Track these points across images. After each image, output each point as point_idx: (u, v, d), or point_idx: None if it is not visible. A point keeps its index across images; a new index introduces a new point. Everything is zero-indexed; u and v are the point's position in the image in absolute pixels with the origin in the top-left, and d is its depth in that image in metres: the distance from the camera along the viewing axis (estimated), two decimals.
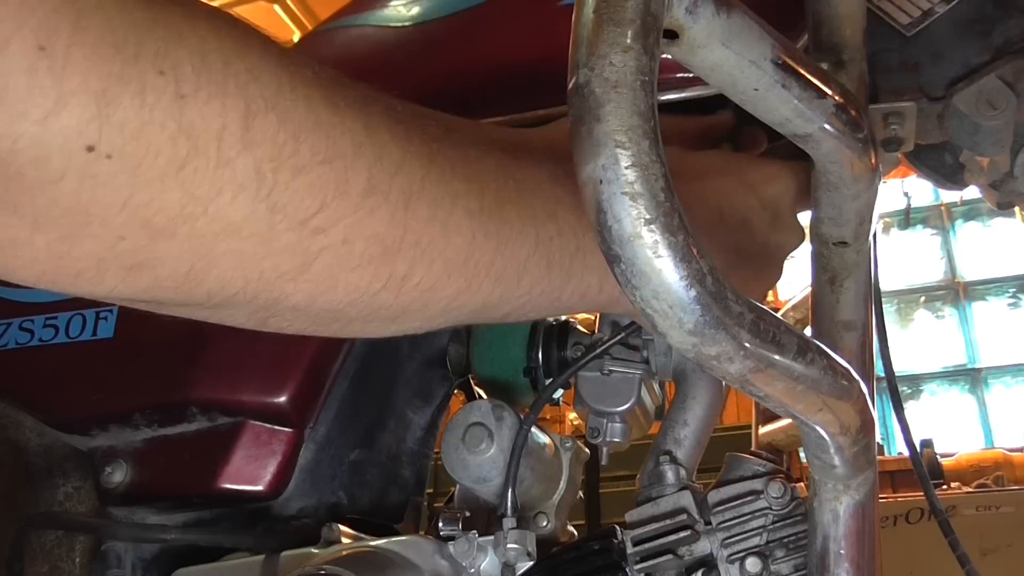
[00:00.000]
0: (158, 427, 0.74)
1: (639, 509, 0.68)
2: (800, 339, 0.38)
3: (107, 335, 0.76)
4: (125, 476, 0.73)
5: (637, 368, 0.73)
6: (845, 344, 0.60)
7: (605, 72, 0.34)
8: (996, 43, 0.70)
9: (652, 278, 0.33)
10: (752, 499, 0.65)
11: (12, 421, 0.79)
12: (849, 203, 0.55)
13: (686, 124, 0.71)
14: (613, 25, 0.35)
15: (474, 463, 0.69)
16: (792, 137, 0.48)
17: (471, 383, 0.89)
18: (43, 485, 0.79)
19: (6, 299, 0.80)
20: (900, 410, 0.83)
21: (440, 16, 0.82)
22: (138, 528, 0.72)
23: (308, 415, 0.73)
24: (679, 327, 0.34)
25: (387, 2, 0.88)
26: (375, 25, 0.87)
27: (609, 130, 0.33)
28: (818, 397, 0.41)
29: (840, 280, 0.61)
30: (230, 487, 0.71)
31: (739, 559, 0.64)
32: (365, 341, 0.76)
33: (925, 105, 0.70)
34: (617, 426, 0.73)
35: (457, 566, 0.64)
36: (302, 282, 0.39)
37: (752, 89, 0.43)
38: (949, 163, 0.77)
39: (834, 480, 0.51)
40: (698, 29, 0.39)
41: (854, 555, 0.53)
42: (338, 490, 0.76)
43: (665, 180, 0.34)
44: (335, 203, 0.37)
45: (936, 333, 6.18)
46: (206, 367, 0.72)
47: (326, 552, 0.65)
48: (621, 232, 0.33)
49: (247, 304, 0.39)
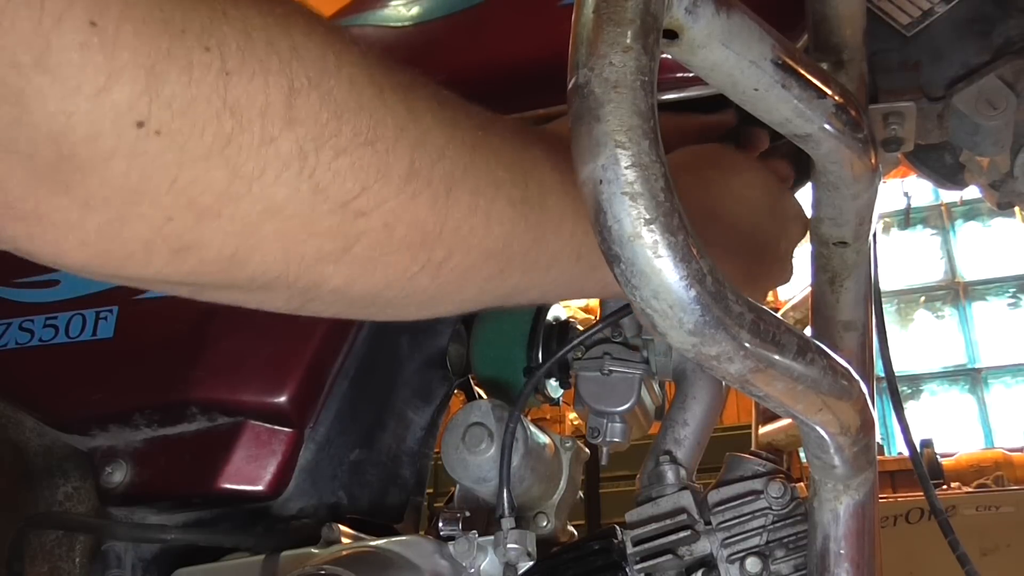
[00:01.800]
0: (158, 427, 0.74)
1: (639, 509, 0.68)
2: (800, 339, 0.38)
3: (107, 335, 0.75)
4: (125, 476, 0.73)
5: (637, 368, 0.73)
6: (845, 344, 0.60)
7: (605, 72, 0.34)
8: (996, 43, 0.70)
9: (652, 278, 0.33)
10: (752, 499, 0.65)
11: (12, 421, 0.79)
12: (849, 203, 0.55)
13: (687, 122, 0.71)
14: (613, 25, 0.34)
15: (474, 463, 0.69)
16: (792, 137, 0.48)
17: (471, 383, 0.89)
18: (43, 485, 0.79)
19: (6, 299, 0.80)
20: (900, 410, 0.83)
21: (440, 16, 0.82)
22: (138, 528, 0.72)
23: (308, 415, 0.73)
24: (679, 327, 0.34)
25: (387, 2, 0.88)
26: (375, 25, 0.87)
27: (609, 130, 0.33)
28: (818, 397, 0.41)
29: (840, 280, 0.61)
30: (230, 487, 0.71)
31: (739, 559, 0.64)
32: (365, 341, 0.76)
33: (925, 105, 0.70)
34: (617, 426, 0.73)
35: (457, 566, 0.64)
36: (343, 264, 0.39)
37: (752, 89, 0.43)
38: (949, 163, 0.77)
39: (834, 480, 0.51)
40: (698, 29, 0.39)
41: (854, 555, 0.53)
42: (338, 490, 0.76)
43: (665, 180, 0.34)
44: (377, 186, 0.37)
45: (936, 333, 6.17)
46: (206, 367, 0.72)
47: (326, 552, 0.65)
48: (621, 232, 0.33)
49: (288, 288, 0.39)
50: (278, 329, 0.72)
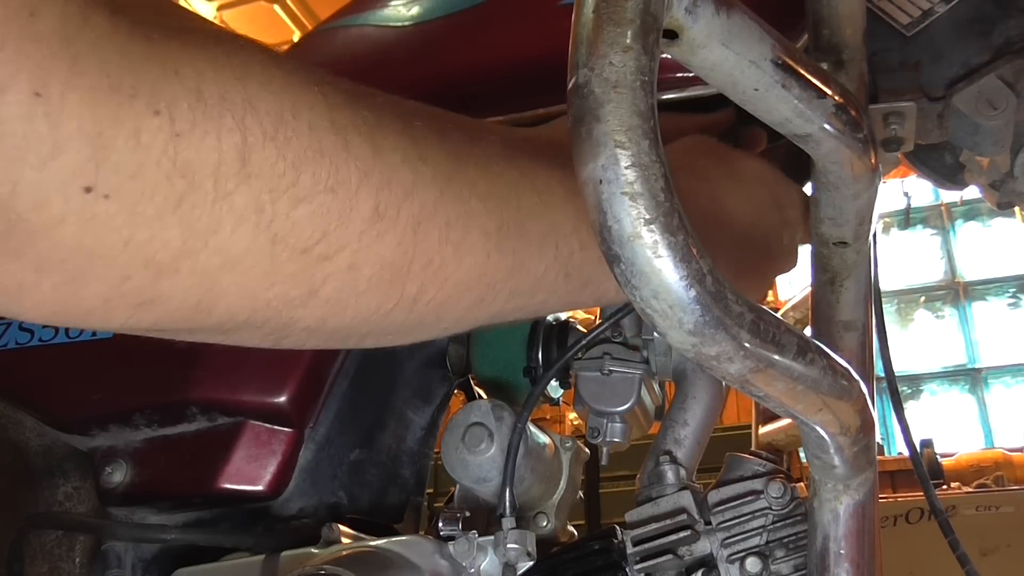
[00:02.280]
0: (158, 427, 0.74)
1: (639, 509, 0.68)
2: (800, 339, 0.38)
3: (107, 335, 0.75)
4: (125, 476, 0.73)
5: (637, 368, 0.73)
6: (845, 344, 0.60)
7: (605, 72, 0.34)
8: (996, 43, 0.70)
9: (652, 278, 0.33)
10: (752, 499, 0.65)
11: (12, 421, 0.79)
12: (849, 203, 0.55)
13: (685, 122, 0.71)
14: (613, 25, 0.34)
15: (474, 463, 0.69)
16: (792, 137, 0.48)
17: (471, 383, 0.89)
18: (43, 485, 0.79)
19: None
20: (900, 410, 0.83)
21: (440, 16, 0.82)
22: (138, 528, 0.72)
23: (308, 415, 0.73)
24: (679, 327, 0.34)
25: (387, 2, 0.88)
26: (375, 25, 0.87)
27: (609, 130, 0.33)
28: (818, 397, 0.41)
29: (840, 280, 0.61)
30: (230, 487, 0.71)
31: (739, 559, 0.64)
32: None
33: (925, 105, 0.70)
34: (617, 426, 0.73)
35: (457, 566, 0.64)
36: (311, 307, 0.38)
37: (752, 89, 0.43)
38: (949, 163, 0.77)
39: (834, 480, 0.51)
40: (698, 29, 0.39)
41: (854, 555, 0.53)
42: (338, 490, 0.76)
43: (665, 180, 0.34)
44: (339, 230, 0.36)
45: (936, 333, 6.18)
46: (206, 367, 0.72)
47: (326, 552, 0.65)
48: (621, 232, 0.33)
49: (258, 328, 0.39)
50: None
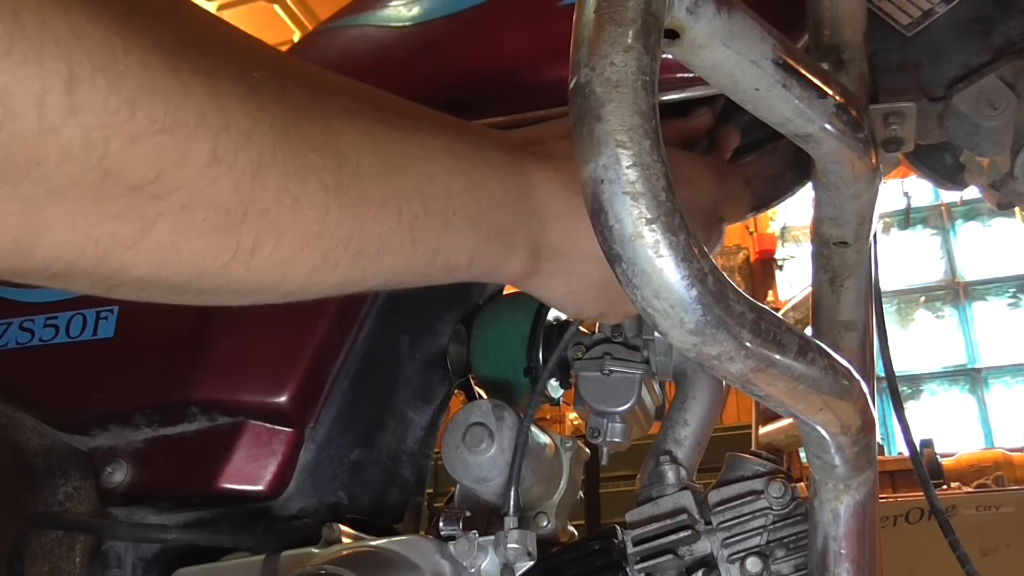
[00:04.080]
0: (158, 427, 0.74)
1: (639, 509, 0.68)
2: (801, 339, 0.38)
3: (107, 335, 0.75)
4: (125, 476, 0.73)
5: (637, 368, 0.73)
6: (845, 344, 0.60)
7: (606, 72, 0.34)
8: (996, 43, 0.70)
9: (653, 278, 0.33)
10: (752, 499, 0.65)
11: (12, 421, 0.79)
12: (849, 203, 0.56)
13: (666, 129, 0.71)
14: (614, 25, 0.34)
15: (474, 463, 0.69)
16: (792, 137, 0.48)
17: (471, 383, 0.89)
18: (43, 485, 0.80)
19: (6, 299, 0.80)
20: (900, 410, 0.83)
21: (440, 16, 0.82)
22: (138, 528, 0.72)
23: (308, 415, 0.73)
24: (680, 327, 0.34)
25: (387, 2, 0.88)
26: (375, 25, 0.87)
27: (610, 130, 0.33)
28: (819, 397, 0.41)
29: (840, 280, 0.61)
30: (230, 487, 0.71)
31: (739, 559, 0.64)
32: (366, 341, 0.76)
33: (925, 105, 0.70)
34: (617, 426, 0.73)
35: (457, 566, 0.64)
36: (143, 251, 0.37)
37: (753, 89, 0.43)
38: (949, 163, 0.77)
39: (834, 480, 0.51)
40: (699, 29, 0.39)
41: (854, 555, 0.53)
42: (338, 490, 0.76)
43: (666, 180, 0.34)
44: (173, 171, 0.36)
45: (936, 333, 6.18)
46: (206, 367, 0.72)
47: (326, 552, 0.65)
48: (622, 232, 0.33)
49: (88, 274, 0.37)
50: (278, 329, 0.72)
